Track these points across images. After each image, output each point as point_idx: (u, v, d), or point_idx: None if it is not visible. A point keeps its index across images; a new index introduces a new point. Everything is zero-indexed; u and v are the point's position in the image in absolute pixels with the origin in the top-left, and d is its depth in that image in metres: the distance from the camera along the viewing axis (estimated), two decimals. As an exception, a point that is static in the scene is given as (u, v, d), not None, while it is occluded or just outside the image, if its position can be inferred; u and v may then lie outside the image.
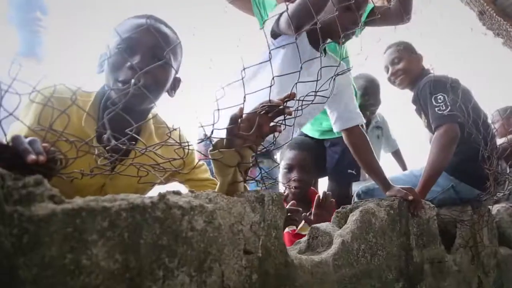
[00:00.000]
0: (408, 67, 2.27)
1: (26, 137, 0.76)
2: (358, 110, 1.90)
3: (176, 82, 1.33)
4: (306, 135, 2.52)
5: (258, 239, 0.90)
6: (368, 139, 1.83)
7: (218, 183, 0.99)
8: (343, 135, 1.89)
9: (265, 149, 1.05)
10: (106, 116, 0.83)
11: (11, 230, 0.56)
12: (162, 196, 0.73)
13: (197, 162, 1.40)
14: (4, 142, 0.78)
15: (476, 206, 2.09)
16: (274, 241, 0.94)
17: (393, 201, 1.49)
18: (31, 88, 0.78)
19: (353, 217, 1.31)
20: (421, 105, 2.17)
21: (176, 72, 1.29)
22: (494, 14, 3.68)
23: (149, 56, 1.15)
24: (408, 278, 1.44)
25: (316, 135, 2.49)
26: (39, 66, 2.29)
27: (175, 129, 1.28)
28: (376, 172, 1.75)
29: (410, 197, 1.54)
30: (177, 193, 0.78)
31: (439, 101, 2.00)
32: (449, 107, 1.95)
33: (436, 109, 1.99)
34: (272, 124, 0.99)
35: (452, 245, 1.89)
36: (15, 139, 0.76)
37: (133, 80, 0.97)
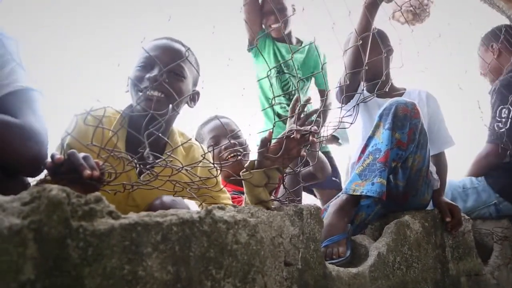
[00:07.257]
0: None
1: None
2: (449, 132, 1.85)
3: (196, 94, 1.44)
4: None
5: (298, 252, 0.93)
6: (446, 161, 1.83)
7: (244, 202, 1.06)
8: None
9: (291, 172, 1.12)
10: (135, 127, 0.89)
11: (78, 243, 0.62)
12: (208, 211, 0.78)
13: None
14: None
15: (513, 220, 2.05)
16: (313, 254, 0.97)
17: (427, 213, 1.49)
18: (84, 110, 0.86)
19: (388, 229, 1.32)
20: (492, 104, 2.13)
21: (195, 85, 1.41)
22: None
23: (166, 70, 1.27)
24: (444, 291, 1.43)
25: None
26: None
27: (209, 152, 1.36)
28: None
29: (448, 219, 1.54)
30: (222, 208, 0.83)
31: (503, 115, 1.98)
32: (507, 126, 1.94)
33: (495, 124, 1.98)
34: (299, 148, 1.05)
35: (489, 258, 1.86)
36: (72, 155, 0.84)
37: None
